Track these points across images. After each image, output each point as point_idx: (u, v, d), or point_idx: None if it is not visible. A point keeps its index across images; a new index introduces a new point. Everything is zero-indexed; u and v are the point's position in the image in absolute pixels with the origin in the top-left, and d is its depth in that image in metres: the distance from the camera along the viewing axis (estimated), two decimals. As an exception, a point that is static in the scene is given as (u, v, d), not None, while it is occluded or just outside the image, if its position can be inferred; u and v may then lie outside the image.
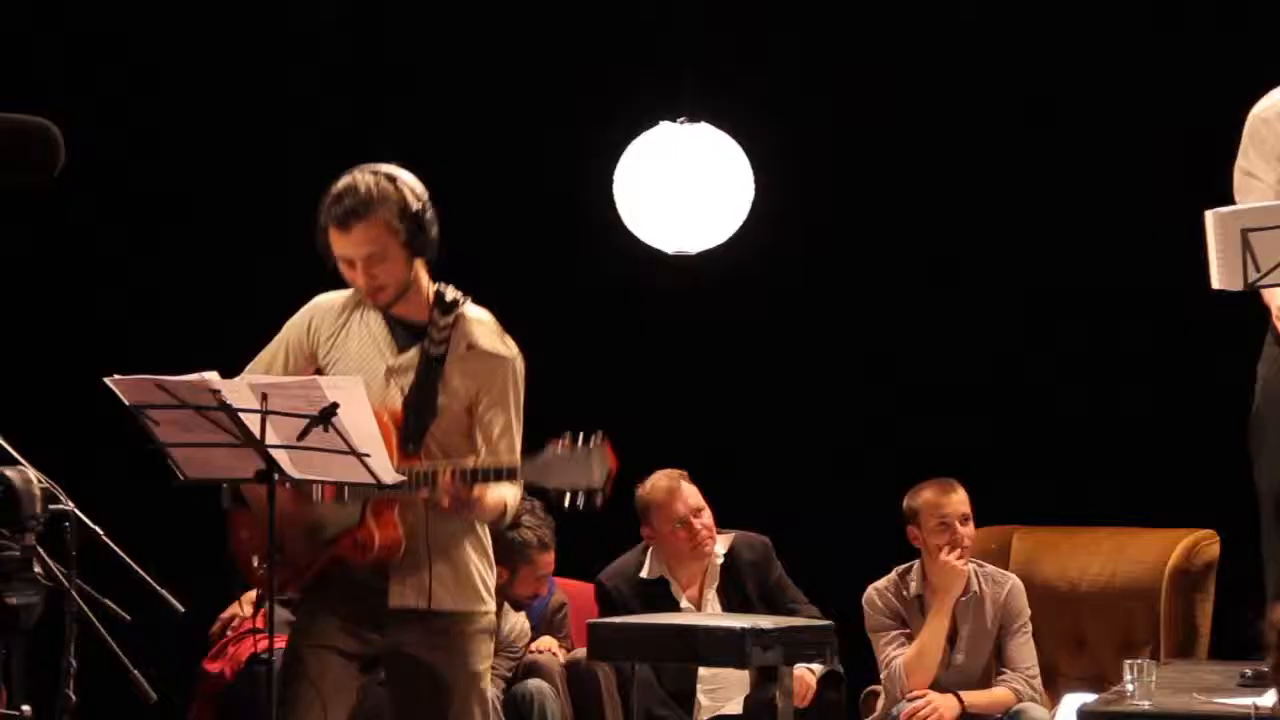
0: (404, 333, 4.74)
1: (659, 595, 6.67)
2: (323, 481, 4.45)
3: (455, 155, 7.33)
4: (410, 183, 4.72)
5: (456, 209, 7.18)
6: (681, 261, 7.34)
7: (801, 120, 7.46)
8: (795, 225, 7.47)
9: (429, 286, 4.76)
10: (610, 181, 7.27)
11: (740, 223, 7.26)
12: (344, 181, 4.67)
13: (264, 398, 4.23)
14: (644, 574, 6.75)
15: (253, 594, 6.01)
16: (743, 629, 5.28)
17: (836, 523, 7.31)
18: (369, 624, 4.73)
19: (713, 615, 6.14)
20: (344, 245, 4.64)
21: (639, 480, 6.79)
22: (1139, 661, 5.42)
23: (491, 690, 6.35)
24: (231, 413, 4.29)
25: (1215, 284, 5.33)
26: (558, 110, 7.58)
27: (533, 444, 4.64)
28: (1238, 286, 5.29)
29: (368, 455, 4.30)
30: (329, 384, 4.26)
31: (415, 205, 4.67)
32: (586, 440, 4.45)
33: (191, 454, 4.41)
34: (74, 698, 4.31)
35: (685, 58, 7.22)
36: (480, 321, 4.79)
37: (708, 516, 6.71)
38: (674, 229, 7.28)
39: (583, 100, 7.53)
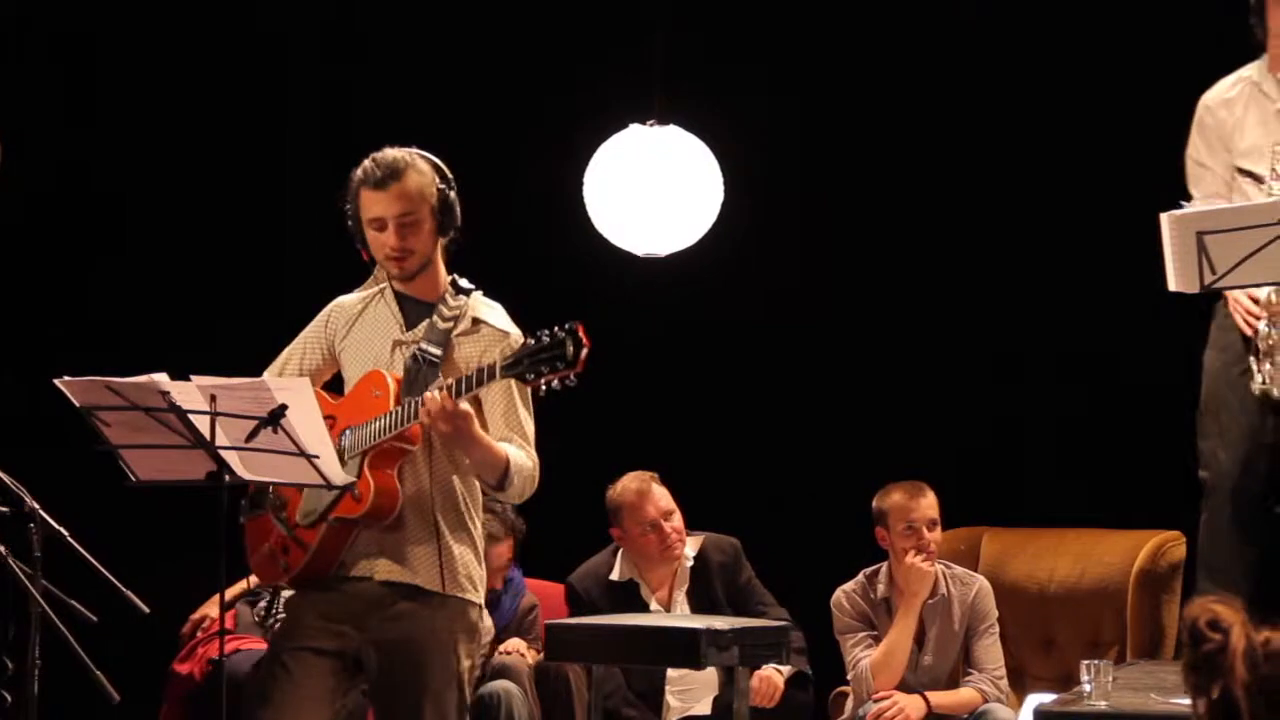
0: (415, 311, 4.84)
1: (628, 597, 6.69)
2: (274, 483, 4.46)
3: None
4: (438, 162, 4.90)
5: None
6: (651, 263, 7.35)
7: (770, 122, 7.47)
8: (764, 227, 7.48)
9: (445, 272, 4.89)
10: (580, 184, 7.27)
11: (710, 225, 7.27)
12: (376, 154, 4.83)
13: (213, 399, 4.25)
14: (614, 576, 6.76)
15: (218, 596, 6.03)
16: (698, 630, 5.28)
17: (807, 525, 7.33)
18: (349, 620, 4.73)
19: (669, 616, 6.15)
20: (379, 205, 4.75)
21: (610, 482, 6.82)
22: (1096, 662, 5.43)
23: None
24: (181, 414, 4.30)
25: (1172, 286, 5.36)
26: (528, 113, 7.59)
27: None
28: (1194, 289, 5.32)
29: (317, 457, 4.32)
30: (277, 385, 4.29)
31: (444, 181, 4.86)
32: (561, 326, 4.50)
33: (143, 455, 4.43)
34: (9, 699, 4.31)
35: (655, 61, 7.23)
36: (490, 305, 4.91)
37: (678, 520, 6.72)
38: (644, 231, 7.28)
39: (552, 103, 7.55)
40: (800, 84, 7.51)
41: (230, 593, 6.58)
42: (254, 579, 6.33)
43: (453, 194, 4.86)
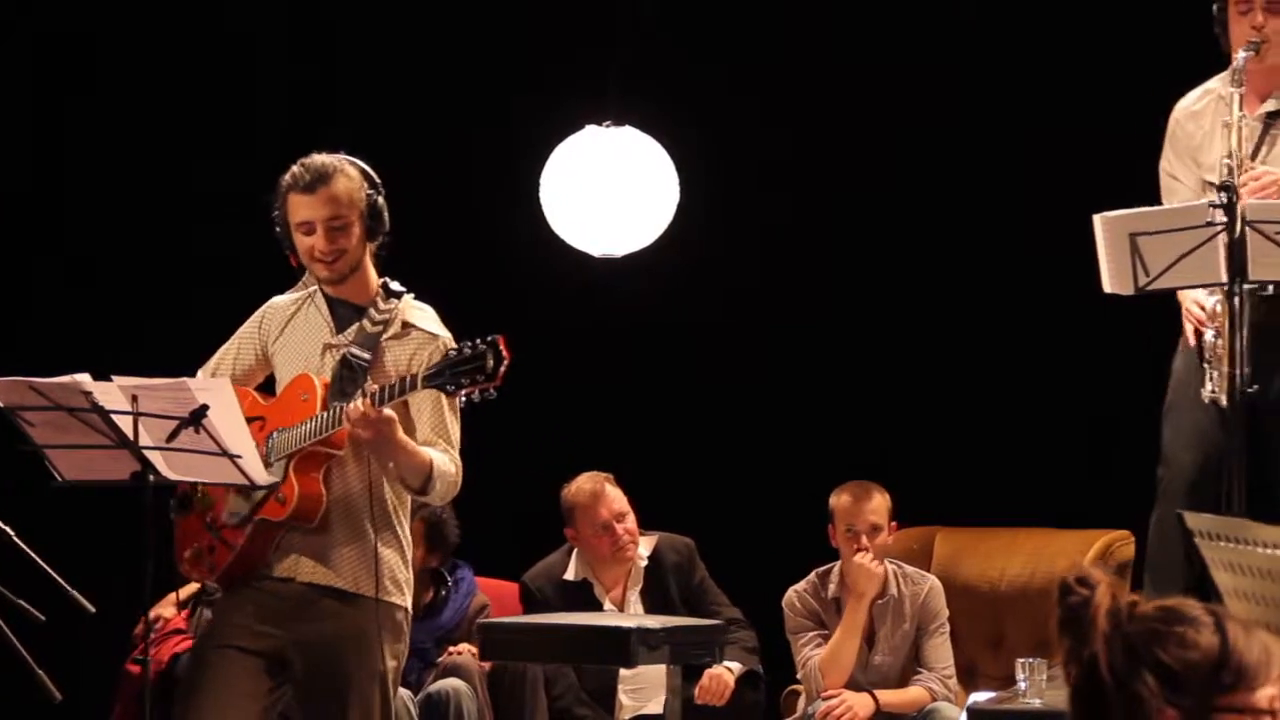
0: (346, 314, 4.89)
1: (582, 597, 6.70)
2: (198, 483, 4.50)
3: (381, 157, 7.36)
4: (366, 167, 4.94)
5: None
6: (607, 263, 7.38)
7: (726, 124, 7.49)
8: (720, 228, 7.51)
9: (375, 276, 4.92)
10: (536, 184, 7.30)
11: (665, 226, 7.31)
12: (304, 159, 4.87)
13: (134, 400, 4.28)
14: (567, 575, 6.78)
15: (173, 595, 6.08)
16: (628, 629, 5.32)
17: (761, 524, 7.35)
18: (274, 620, 4.78)
19: (601, 615, 6.18)
20: (308, 208, 4.80)
21: (565, 481, 6.84)
22: (1030, 660, 5.50)
23: (405, 691, 6.45)
24: (104, 414, 4.33)
25: (1106, 288, 5.40)
26: (483, 114, 7.61)
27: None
28: (1128, 290, 5.35)
29: (239, 456, 4.35)
30: (198, 386, 4.33)
31: (371, 186, 4.89)
32: (482, 339, 4.53)
33: (68, 455, 4.47)
34: None
35: (610, 62, 7.26)
36: (420, 308, 4.95)
37: (631, 521, 6.74)
38: (600, 232, 7.32)
39: (509, 103, 7.57)
40: (756, 85, 7.54)
41: (184, 592, 6.62)
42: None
43: (381, 199, 4.89)
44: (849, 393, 7.55)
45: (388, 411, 4.58)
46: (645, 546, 6.79)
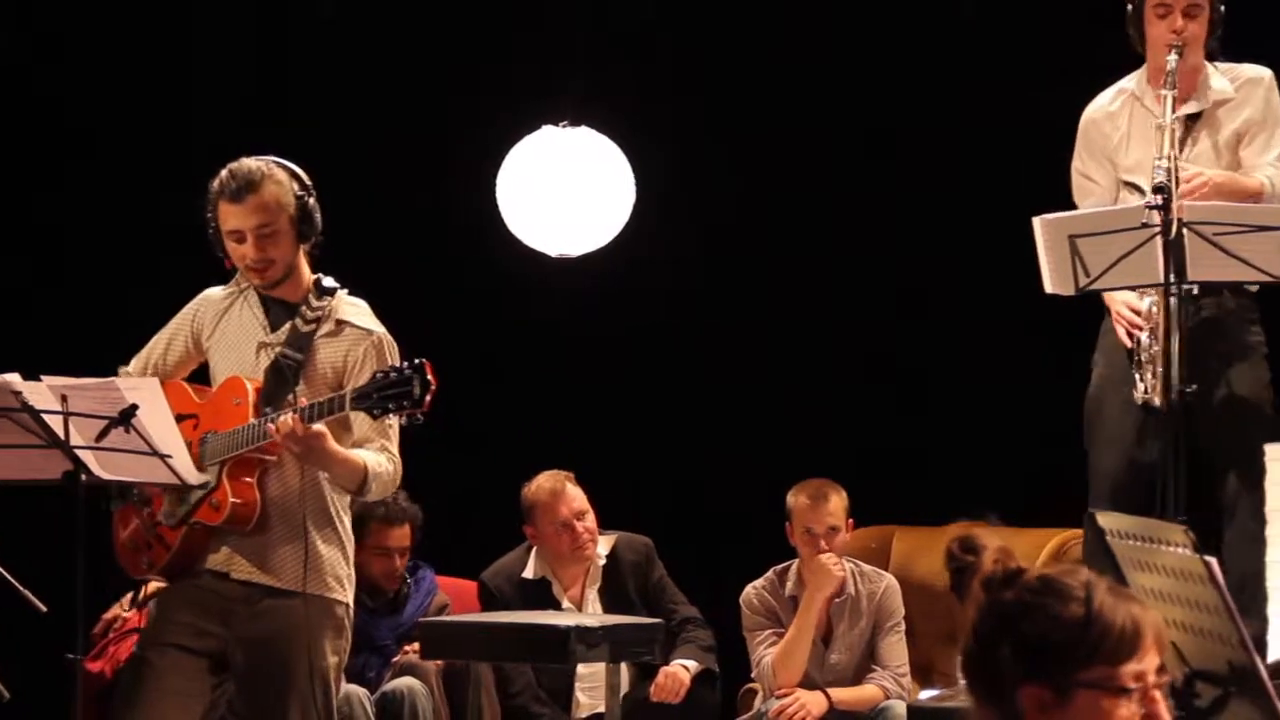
0: (280, 312, 4.90)
1: (540, 595, 6.71)
2: (130, 482, 4.52)
3: (340, 155, 7.39)
4: (296, 170, 4.92)
5: (340, 210, 7.26)
6: (564, 263, 7.40)
7: (681, 124, 7.52)
8: (676, 228, 7.53)
9: (309, 274, 4.92)
10: (493, 184, 7.33)
11: (622, 225, 7.33)
12: (233, 165, 4.86)
13: (64, 399, 4.30)
14: (526, 574, 6.78)
15: (149, 587, 6.08)
16: (567, 627, 5.33)
17: (719, 524, 7.37)
18: (215, 618, 4.80)
19: (541, 614, 6.18)
20: (237, 218, 4.79)
21: (524, 480, 6.85)
22: (971, 659, 5.49)
23: (360, 689, 6.46)
24: (34, 414, 4.35)
25: (1048, 289, 5.44)
26: (440, 114, 7.62)
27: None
28: (1069, 291, 5.39)
29: (170, 456, 4.37)
30: (128, 385, 4.35)
31: (302, 189, 4.87)
32: (409, 364, 4.54)
33: (1, 455, 4.47)
34: None
35: (567, 62, 7.28)
36: (353, 304, 4.96)
37: (591, 520, 6.74)
38: (557, 232, 7.35)
39: (465, 103, 7.58)
40: (712, 86, 7.56)
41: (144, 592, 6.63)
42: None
43: (312, 200, 4.89)
44: (807, 392, 7.57)
45: (317, 427, 4.60)
46: (604, 546, 6.80)
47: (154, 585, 6.87)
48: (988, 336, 7.32)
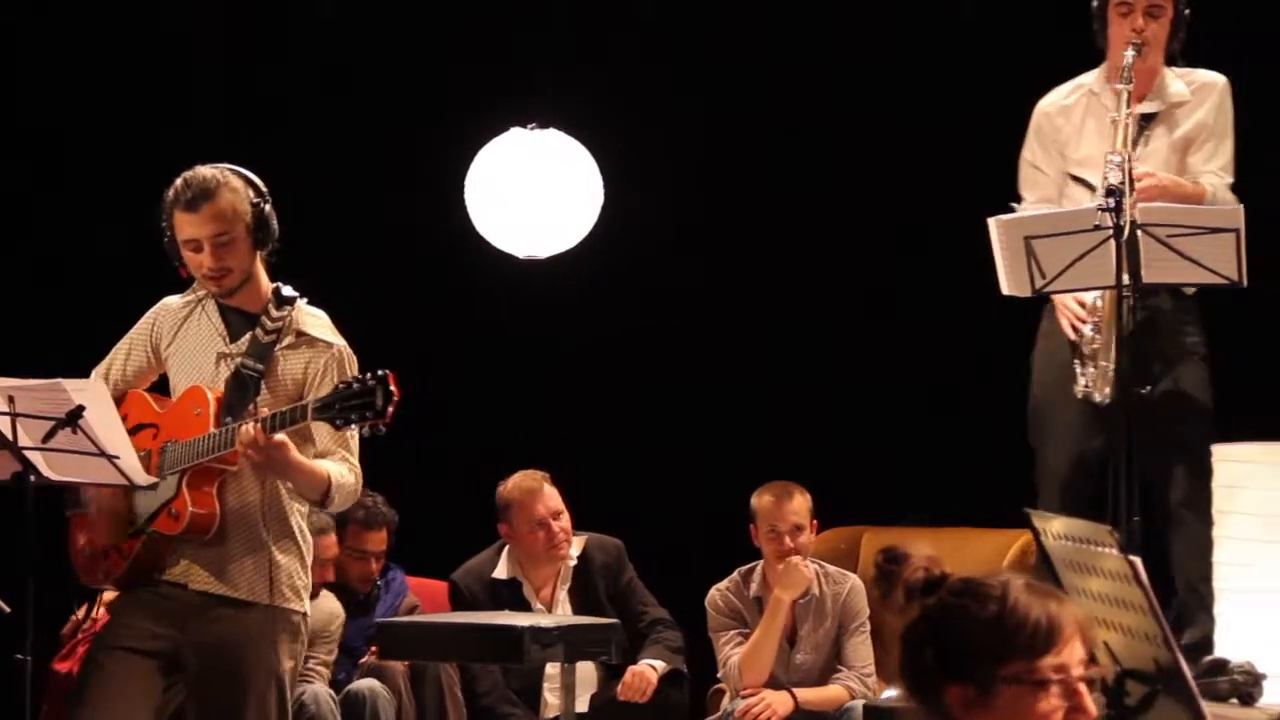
0: (239, 322, 4.88)
1: (511, 595, 6.73)
2: (78, 483, 4.53)
3: (308, 157, 7.44)
4: (251, 176, 4.89)
5: (309, 212, 7.29)
6: (532, 265, 7.42)
7: (649, 126, 7.54)
8: (644, 229, 7.55)
9: (267, 282, 4.90)
10: (462, 186, 7.34)
11: (590, 227, 7.35)
12: (187, 173, 4.83)
13: (10, 400, 4.31)
14: (497, 574, 6.79)
15: (105, 596, 6.09)
16: (522, 627, 5.35)
17: (689, 524, 7.38)
18: (171, 621, 4.81)
19: (496, 614, 6.19)
20: (193, 227, 4.77)
21: (495, 481, 6.86)
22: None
23: (326, 689, 6.48)
24: (-20, 415, 4.37)
25: (1005, 290, 5.46)
26: (409, 116, 7.64)
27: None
28: (1026, 293, 5.42)
29: (117, 457, 4.38)
30: (74, 387, 4.35)
31: (257, 196, 4.84)
32: (372, 375, 4.54)
33: (-51, 456, 4.49)
34: None
35: (535, 65, 7.30)
36: (313, 315, 4.93)
37: (566, 520, 6.75)
38: (525, 233, 7.37)
39: (433, 106, 7.60)
40: (679, 88, 7.59)
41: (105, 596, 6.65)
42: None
43: (268, 207, 4.86)
44: (777, 394, 7.59)
45: (279, 437, 4.60)
46: (574, 547, 6.81)
47: (109, 595, 6.92)
48: (955, 337, 7.34)
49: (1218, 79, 5.69)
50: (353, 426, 4.57)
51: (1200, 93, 5.65)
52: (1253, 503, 4.68)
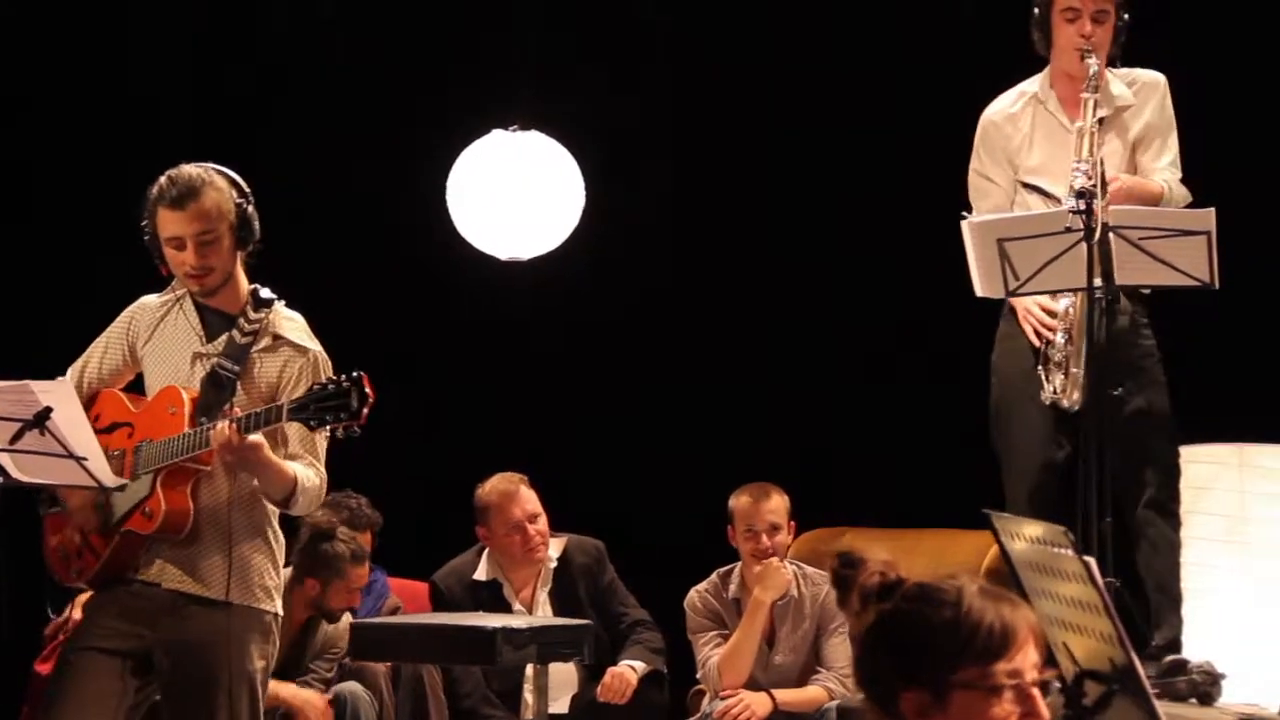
0: (216, 322, 4.89)
1: (491, 597, 6.74)
2: (46, 485, 4.53)
3: (290, 158, 7.45)
4: (235, 176, 4.91)
5: (291, 213, 7.30)
6: (514, 267, 7.44)
7: (629, 128, 7.56)
8: (625, 231, 7.57)
9: (246, 284, 4.92)
10: (444, 188, 7.36)
11: (572, 229, 7.37)
12: (172, 171, 4.85)
13: (-24, 402, 4.32)
14: (478, 575, 6.80)
15: (84, 597, 6.11)
16: (493, 629, 5.36)
17: (671, 525, 7.39)
18: (143, 621, 4.82)
19: (469, 615, 6.21)
20: (177, 224, 4.79)
21: (475, 483, 6.88)
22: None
23: (316, 694, 6.49)
24: (-54, 416, 4.37)
25: (979, 292, 5.46)
26: (391, 117, 7.66)
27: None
28: (1000, 295, 5.43)
29: (85, 459, 4.39)
30: (41, 388, 4.36)
31: (241, 196, 4.86)
32: (347, 377, 4.56)
33: (-84, 457, 4.50)
34: None
35: (517, 67, 7.32)
36: (290, 319, 4.94)
37: (542, 523, 6.76)
38: (507, 235, 7.39)
39: (415, 107, 7.62)
40: (660, 90, 7.61)
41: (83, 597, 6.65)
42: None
43: (250, 208, 4.88)
44: (760, 393, 7.60)
45: (253, 438, 4.62)
46: (555, 548, 6.82)
47: (83, 598, 6.93)
48: (939, 341, 7.34)
49: (1158, 78, 5.71)
50: (327, 428, 4.57)
51: (1143, 93, 5.67)
52: (1219, 504, 4.69)
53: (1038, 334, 5.51)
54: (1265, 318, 6.67)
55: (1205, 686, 4.39)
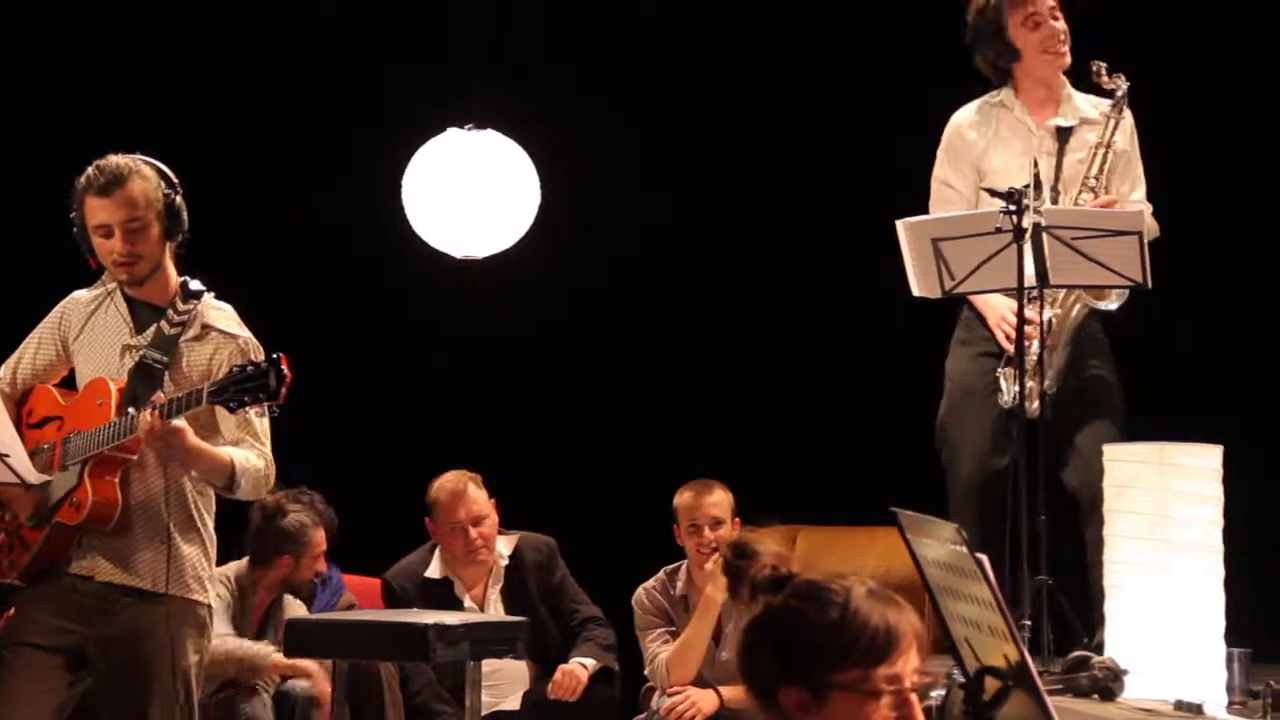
0: (145, 314, 4.92)
1: (443, 594, 6.76)
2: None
3: (244, 155, 7.47)
4: (163, 167, 4.93)
5: (244, 210, 7.34)
6: (469, 265, 7.45)
7: (585, 127, 7.57)
8: (579, 231, 7.58)
9: (175, 275, 4.95)
10: (398, 186, 7.37)
11: (526, 228, 7.39)
12: (99, 160, 4.88)
13: (-101, 401, 4.34)
14: (430, 573, 6.82)
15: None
16: (426, 625, 5.37)
17: (621, 523, 7.41)
18: (75, 616, 4.84)
19: (401, 612, 6.21)
20: (105, 212, 4.82)
21: (431, 479, 6.89)
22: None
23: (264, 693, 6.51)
24: None
25: (915, 292, 5.48)
26: (346, 115, 7.66)
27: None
28: (936, 294, 5.44)
29: (7, 455, 4.41)
30: None
31: (169, 186, 4.89)
32: (267, 358, 4.60)
33: None
34: None
35: (473, 66, 7.34)
36: (219, 308, 4.98)
37: (488, 525, 6.77)
38: (461, 234, 7.40)
39: (370, 106, 7.62)
40: (616, 89, 7.62)
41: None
42: None
43: (179, 198, 4.90)
44: (711, 393, 7.62)
45: (176, 423, 4.64)
46: (506, 546, 6.83)
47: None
48: (893, 339, 7.35)
49: (1125, 109, 5.72)
50: (248, 408, 4.59)
51: (1111, 116, 5.67)
52: (1140, 502, 4.72)
53: (1008, 337, 5.52)
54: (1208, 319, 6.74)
55: (1107, 682, 4.43)
